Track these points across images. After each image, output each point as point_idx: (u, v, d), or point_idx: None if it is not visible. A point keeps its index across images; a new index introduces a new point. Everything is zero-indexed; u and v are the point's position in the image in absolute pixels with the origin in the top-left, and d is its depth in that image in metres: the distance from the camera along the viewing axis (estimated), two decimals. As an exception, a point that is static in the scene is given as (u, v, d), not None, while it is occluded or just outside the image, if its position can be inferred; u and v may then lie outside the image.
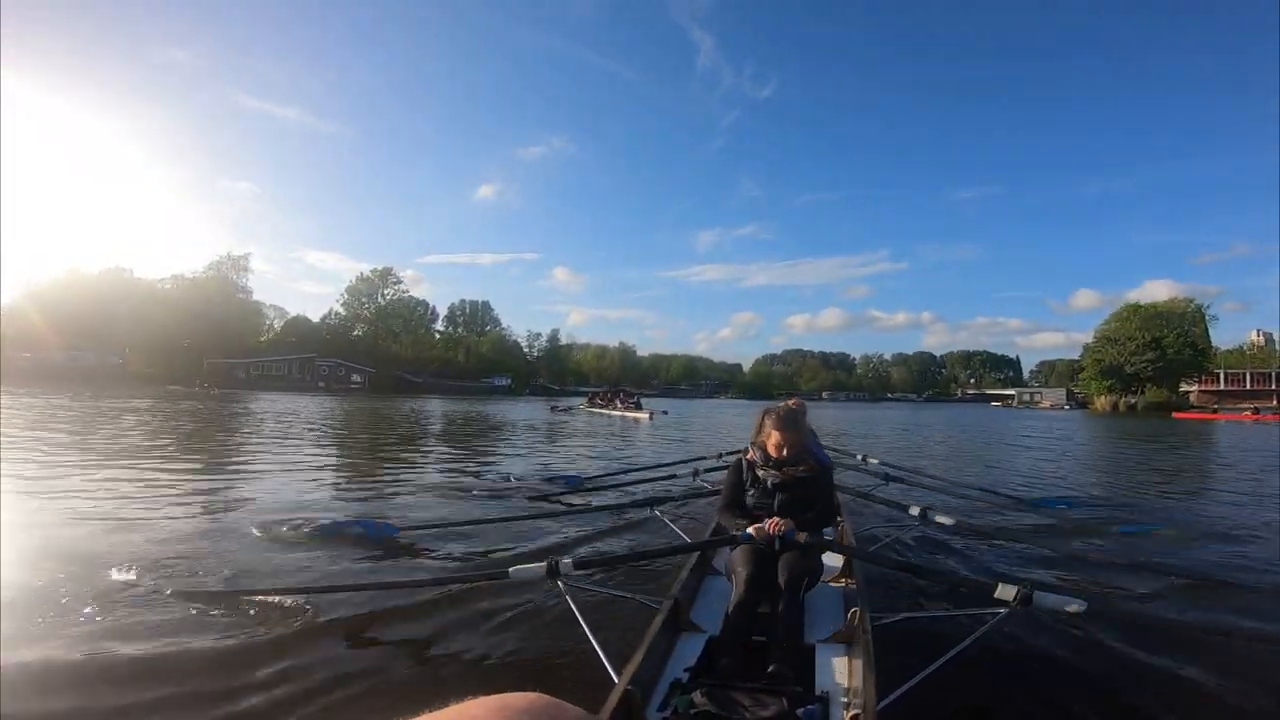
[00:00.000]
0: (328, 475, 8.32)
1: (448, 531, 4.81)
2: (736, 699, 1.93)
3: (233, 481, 7.37)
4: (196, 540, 4.42)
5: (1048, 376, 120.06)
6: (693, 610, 2.77)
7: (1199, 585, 3.95)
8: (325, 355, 65.53)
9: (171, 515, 5.20)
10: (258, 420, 18.29)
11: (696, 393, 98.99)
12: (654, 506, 4.79)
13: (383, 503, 6.33)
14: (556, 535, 4.95)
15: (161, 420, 16.65)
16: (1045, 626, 2.98)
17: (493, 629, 2.98)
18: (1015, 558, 4.66)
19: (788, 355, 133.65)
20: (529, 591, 3.19)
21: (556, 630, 2.87)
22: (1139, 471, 11.78)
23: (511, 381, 75.59)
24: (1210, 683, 2.63)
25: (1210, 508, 7.48)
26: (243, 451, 10.63)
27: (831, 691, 2.09)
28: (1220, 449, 17.78)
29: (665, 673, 2.21)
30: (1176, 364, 61.84)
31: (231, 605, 3.12)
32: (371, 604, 3.18)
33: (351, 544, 4.33)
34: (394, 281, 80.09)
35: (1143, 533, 5.50)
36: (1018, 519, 6.09)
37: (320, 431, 15.35)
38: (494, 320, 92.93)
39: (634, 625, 2.60)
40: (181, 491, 6.39)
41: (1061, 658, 2.84)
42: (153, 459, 8.92)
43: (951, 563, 4.51)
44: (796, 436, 2.99)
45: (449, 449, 12.55)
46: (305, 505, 5.84)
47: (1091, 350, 67.67)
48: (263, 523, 4.72)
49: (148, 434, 12.70)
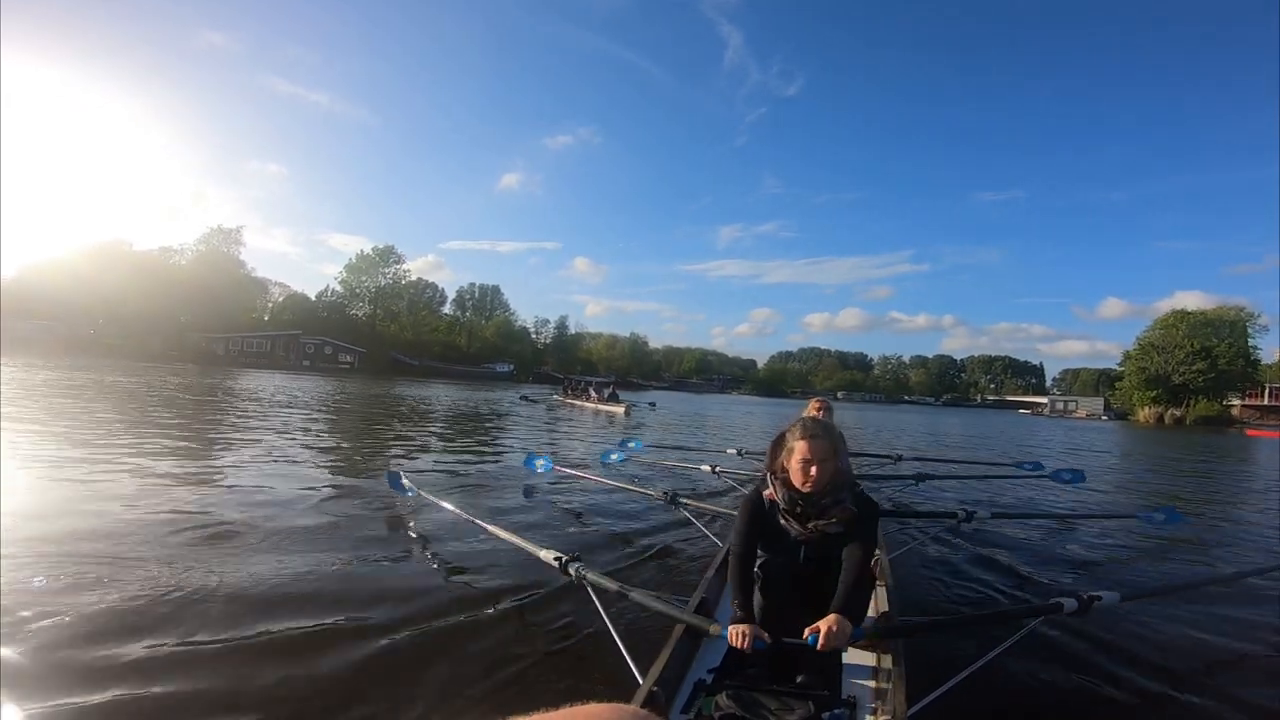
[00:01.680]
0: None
1: (465, 520, 4.26)
2: (762, 702, 1.89)
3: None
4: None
5: (1071, 384, 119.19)
6: (718, 610, 2.72)
7: (1246, 600, 3.78)
8: (313, 333, 62.56)
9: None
10: (186, 398, 15.72)
11: (708, 387, 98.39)
12: (675, 499, 4.79)
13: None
14: (576, 527, 4.97)
15: (57, 394, 13.92)
16: (1083, 630, 2.94)
17: (514, 624, 2.94)
18: (1054, 560, 4.58)
19: (803, 353, 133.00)
20: (552, 587, 3.17)
21: (580, 628, 2.84)
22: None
23: (514, 368, 72.89)
24: (1250, 698, 2.57)
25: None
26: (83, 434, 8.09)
27: (860, 696, 2.06)
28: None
29: (689, 674, 2.19)
30: (1228, 376, 56.80)
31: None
32: (385, 590, 3.20)
33: (368, 521, 4.54)
34: (395, 261, 76.62)
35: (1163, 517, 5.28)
36: (1054, 520, 5.99)
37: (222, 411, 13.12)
38: (503, 305, 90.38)
39: (657, 624, 2.57)
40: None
41: (1099, 662, 2.77)
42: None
43: (986, 565, 4.39)
44: (831, 457, 2.27)
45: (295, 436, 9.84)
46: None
47: (1133, 358, 62.27)
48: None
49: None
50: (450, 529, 4.46)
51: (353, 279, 74.81)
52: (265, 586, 3.17)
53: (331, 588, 3.24)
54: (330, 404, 18.02)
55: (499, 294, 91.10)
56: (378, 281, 75.52)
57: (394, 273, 76.66)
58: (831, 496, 2.28)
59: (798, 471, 2.27)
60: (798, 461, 2.27)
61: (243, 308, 65.44)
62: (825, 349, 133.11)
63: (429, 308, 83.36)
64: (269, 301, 74.71)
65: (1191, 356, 56.29)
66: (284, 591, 3.13)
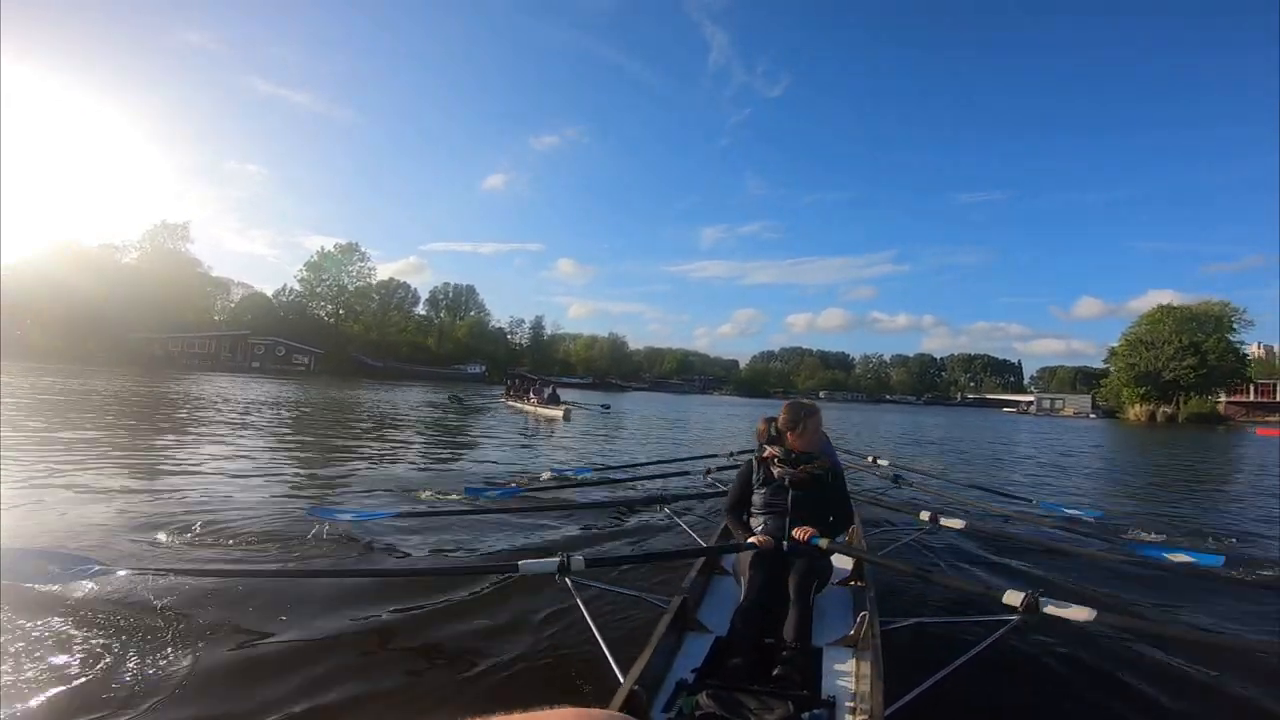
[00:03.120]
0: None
1: (456, 520, 4.71)
2: (742, 702, 1.91)
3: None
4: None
5: (1049, 382, 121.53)
6: (700, 610, 2.77)
7: (1213, 598, 3.96)
8: (268, 334, 58.64)
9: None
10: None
11: (689, 388, 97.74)
12: (665, 504, 4.81)
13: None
14: (565, 530, 4.91)
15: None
16: (1055, 635, 2.94)
17: (498, 623, 2.95)
18: (1027, 565, 4.57)
19: (785, 353, 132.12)
20: (537, 587, 3.12)
21: (563, 627, 2.85)
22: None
23: (486, 369, 69.45)
24: (1217, 694, 2.66)
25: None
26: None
27: (838, 696, 2.09)
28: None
29: (671, 673, 2.20)
30: (1218, 372, 55.58)
31: (219, 586, 3.05)
32: (374, 591, 3.18)
33: (348, 529, 4.27)
34: (360, 258, 72.56)
35: (1165, 555, 4.53)
36: (1031, 525, 5.81)
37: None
38: (479, 305, 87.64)
39: (641, 624, 2.68)
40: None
41: (1070, 667, 2.82)
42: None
43: (962, 568, 4.49)
44: (812, 427, 3.07)
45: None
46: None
47: (1120, 354, 60.77)
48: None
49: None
50: (440, 524, 4.58)
51: (313, 277, 70.56)
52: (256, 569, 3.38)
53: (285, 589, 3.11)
54: (216, 406, 15.07)
55: (474, 294, 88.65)
56: (341, 280, 71.51)
57: (358, 270, 72.70)
58: (813, 452, 3.10)
59: (790, 436, 3.05)
60: (788, 429, 3.05)
61: (195, 308, 61.32)
62: (807, 349, 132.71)
63: (400, 308, 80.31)
64: (230, 302, 70.59)
65: (1181, 352, 54.83)
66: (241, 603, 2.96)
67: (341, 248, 71.45)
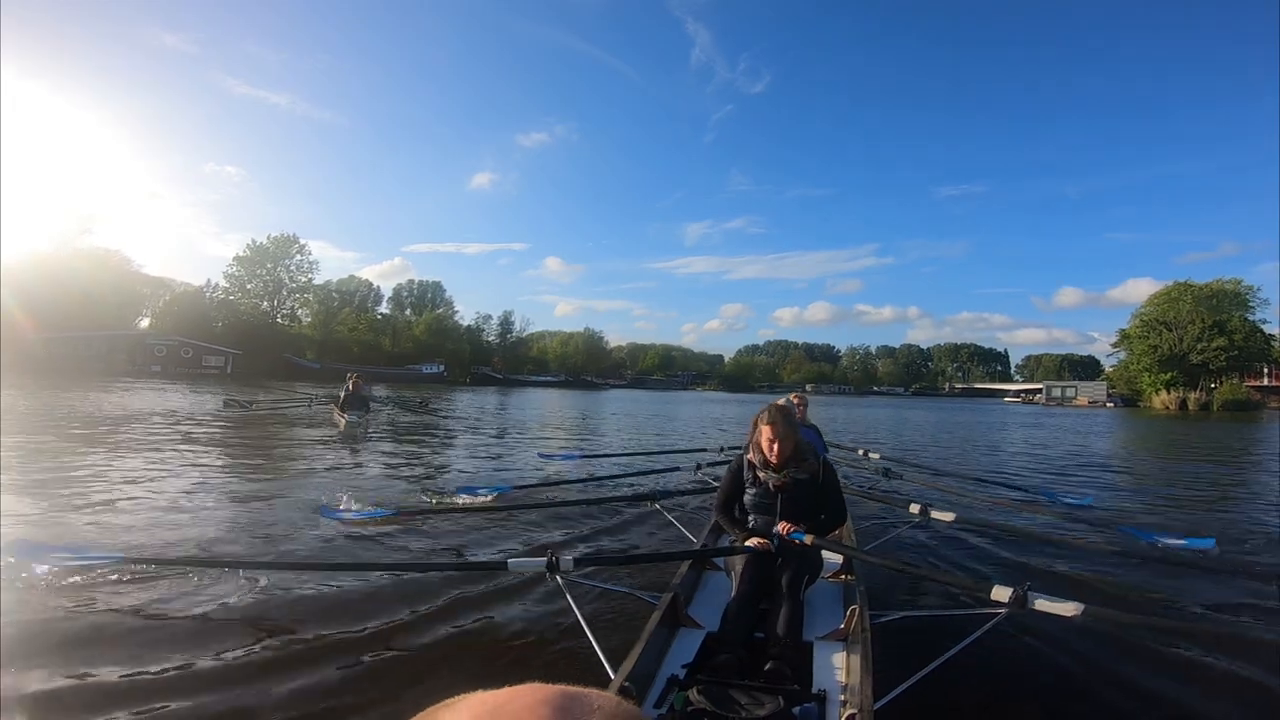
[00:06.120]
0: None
1: (445, 517, 4.73)
2: (733, 697, 1.91)
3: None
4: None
5: (1034, 370, 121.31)
6: (691, 606, 2.77)
7: (1203, 589, 3.90)
8: (167, 332, 50.91)
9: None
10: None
11: (671, 384, 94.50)
12: (655, 500, 4.73)
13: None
14: (556, 528, 4.89)
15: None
16: (1043, 628, 2.91)
17: (488, 621, 2.95)
18: (1018, 557, 4.49)
19: (770, 346, 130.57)
20: (526, 584, 3.21)
21: (553, 624, 2.86)
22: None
23: (445, 368, 62.93)
24: (1205, 683, 2.65)
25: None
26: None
27: (829, 690, 2.09)
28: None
29: (662, 669, 2.20)
30: (1247, 353, 50.91)
31: (209, 578, 3.14)
32: (361, 589, 3.20)
33: (346, 524, 4.36)
34: (298, 251, 64.46)
35: (1157, 539, 4.71)
36: (1021, 515, 5.86)
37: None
38: (446, 303, 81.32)
39: (632, 620, 2.70)
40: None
41: (1058, 660, 2.80)
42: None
43: (952, 561, 4.43)
44: (790, 435, 2.93)
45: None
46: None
47: (1136, 336, 55.86)
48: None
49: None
50: (429, 521, 4.67)
51: (244, 272, 62.48)
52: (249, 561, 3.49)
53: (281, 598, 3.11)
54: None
55: (440, 290, 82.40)
56: (278, 275, 63.74)
57: (297, 264, 64.76)
58: (794, 461, 2.95)
59: (765, 447, 2.93)
60: (765, 441, 2.92)
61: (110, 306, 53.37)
62: (794, 342, 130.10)
63: (363, 307, 73.85)
64: (163, 300, 61.97)
65: (1207, 332, 50.16)
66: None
67: (276, 239, 63.49)
